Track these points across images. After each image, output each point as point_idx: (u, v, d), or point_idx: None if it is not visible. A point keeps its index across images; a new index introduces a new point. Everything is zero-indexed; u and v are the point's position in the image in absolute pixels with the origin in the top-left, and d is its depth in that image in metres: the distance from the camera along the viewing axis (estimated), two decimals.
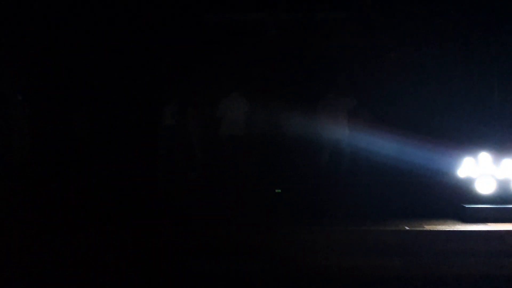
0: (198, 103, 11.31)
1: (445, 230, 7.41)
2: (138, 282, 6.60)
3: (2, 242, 7.10)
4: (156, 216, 8.34)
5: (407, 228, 7.55)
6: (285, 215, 8.39)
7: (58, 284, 6.60)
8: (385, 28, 11.48)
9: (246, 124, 10.82)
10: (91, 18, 11.26)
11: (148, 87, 11.40)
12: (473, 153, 8.40)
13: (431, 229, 7.46)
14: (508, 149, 8.65)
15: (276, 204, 8.93)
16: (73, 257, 6.94)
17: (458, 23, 11.21)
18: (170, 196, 9.24)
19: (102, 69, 11.31)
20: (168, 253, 6.99)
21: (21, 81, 10.90)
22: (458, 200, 8.30)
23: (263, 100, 11.11)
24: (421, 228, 7.50)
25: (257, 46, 11.89)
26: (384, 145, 10.24)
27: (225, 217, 8.45)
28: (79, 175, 10.15)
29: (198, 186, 10.13)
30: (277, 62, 11.78)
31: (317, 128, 10.56)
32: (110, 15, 11.33)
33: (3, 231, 7.36)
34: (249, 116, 10.85)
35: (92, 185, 9.63)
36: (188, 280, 6.56)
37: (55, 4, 11.00)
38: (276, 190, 9.31)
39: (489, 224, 7.70)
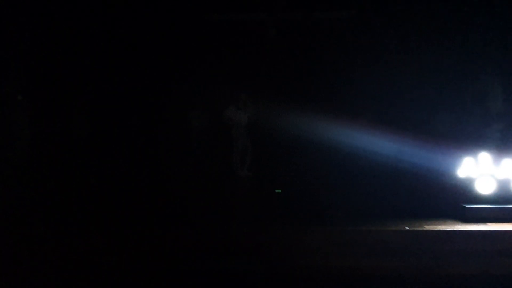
0: (196, 103, 11.32)
1: (445, 230, 7.41)
2: (138, 282, 6.60)
3: (2, 242, 7.10)
4: (156, 216, 8.34)
5: (407, 228, 7.54)
6: (285, 215, 8.38)
7: (58, 284, 6.60)
8: (385, 28, 11.47)
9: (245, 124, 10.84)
10: (92, 18, 11.26)
11: (147, 87, 11.40)
12: (473, 153, 8.39)
13: (431, 229, 7.45)
14: (508, 149, 8.64)
15: (276, 204, 8.93)
16: (73, 257, 6.94)
17: (458, 22, 11.21)
18: (170, 196, 9.25)
19: (102, 69, 11.31)
20: (168, 253, 6.99)
21: (21, 81, 10.89)
22: (458, 200, 8.29)
23: (263, 100, 11.11)
24: (421, 228, 7.49)
25: (257, 46, 11.89)
26: (384, 145, 10.24)
27: (225, 217, 8.45)
28: (79, 175, 10.14)
29: (199, 186, 10.14)
30: (277, 62, 11.78)
31: (317, 128, 10.56)
32: (111, 15, 11.33)
33: (3, 231, 7.35)
34: (249, 116, 10.87)
35: (92, 185, 9.64)
36: (188, 280, 6.55)
37: (55, 4, 11.00)
38: (276, 190, 9.31)
39: (489, 224, 7.70)
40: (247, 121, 10.86)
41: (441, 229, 7.45)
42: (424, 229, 7.47)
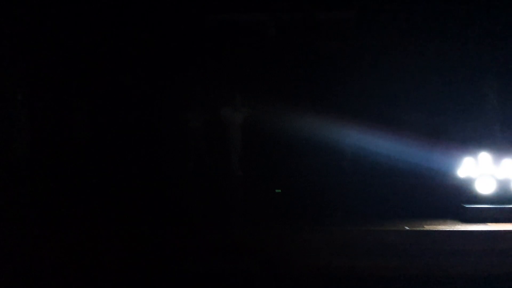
0: (195, 103, 11.32)
1: (445, 230, 7.40)
2: (138, 282, 6.60)
3: (2, 242, 7.10)
4: (156, 216, 8.34)
5: (407, 228, 7.54)
6: (285, 215, 8.38)
7: (58, 284, 6.60)
8: (386, 28, 11.48)
9: (245, 124, 10.85)
10: (92, 18, 11.27)
11: (147, 87, 11.40)
12: (473, 153, 8.39)
13: (431, 229, 7.45)
14: (508, 149, 8.64)
15: (276, 204, 8.93)
16: (73, 257, 6.94)
17: (459, 23, 11.21)
18: (169, 197, 9.25)
19: (101, 69, 11.32)
20: (168, 253, 6.99)
21: (21, 81, 10.89)
22: (458, 200, 8.29)
23: (262, 100, 11.12)
24: (421, 228, 7.49)
25: (257, 46, 11.89)
26: (384, 145, 10.24)
27: (225, 217, 8.45)
28: (79, 175, 10.14)
29: (199, 186, 10.14)
30: (277, 62, 11.79)
31: (317, 128, 10.57)
32: (110, 16, 11.33)
33: (3, 231, 7.35)
34: (249, 116, 10.89)
35: (92, 185, 9.64)
36: (188, 280, 6.55)
37: (55, 4, 11.00)
38: (276, 190, 9.31)
39: (489, 224, 7.69)
40: (245, 121, 10.88)
41: (441, 229, 7.44)
42: (424, 229, 7.47)
